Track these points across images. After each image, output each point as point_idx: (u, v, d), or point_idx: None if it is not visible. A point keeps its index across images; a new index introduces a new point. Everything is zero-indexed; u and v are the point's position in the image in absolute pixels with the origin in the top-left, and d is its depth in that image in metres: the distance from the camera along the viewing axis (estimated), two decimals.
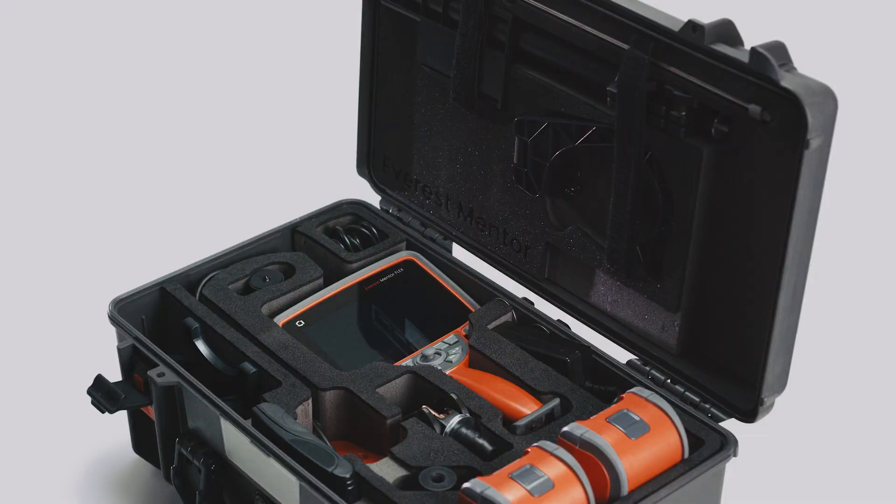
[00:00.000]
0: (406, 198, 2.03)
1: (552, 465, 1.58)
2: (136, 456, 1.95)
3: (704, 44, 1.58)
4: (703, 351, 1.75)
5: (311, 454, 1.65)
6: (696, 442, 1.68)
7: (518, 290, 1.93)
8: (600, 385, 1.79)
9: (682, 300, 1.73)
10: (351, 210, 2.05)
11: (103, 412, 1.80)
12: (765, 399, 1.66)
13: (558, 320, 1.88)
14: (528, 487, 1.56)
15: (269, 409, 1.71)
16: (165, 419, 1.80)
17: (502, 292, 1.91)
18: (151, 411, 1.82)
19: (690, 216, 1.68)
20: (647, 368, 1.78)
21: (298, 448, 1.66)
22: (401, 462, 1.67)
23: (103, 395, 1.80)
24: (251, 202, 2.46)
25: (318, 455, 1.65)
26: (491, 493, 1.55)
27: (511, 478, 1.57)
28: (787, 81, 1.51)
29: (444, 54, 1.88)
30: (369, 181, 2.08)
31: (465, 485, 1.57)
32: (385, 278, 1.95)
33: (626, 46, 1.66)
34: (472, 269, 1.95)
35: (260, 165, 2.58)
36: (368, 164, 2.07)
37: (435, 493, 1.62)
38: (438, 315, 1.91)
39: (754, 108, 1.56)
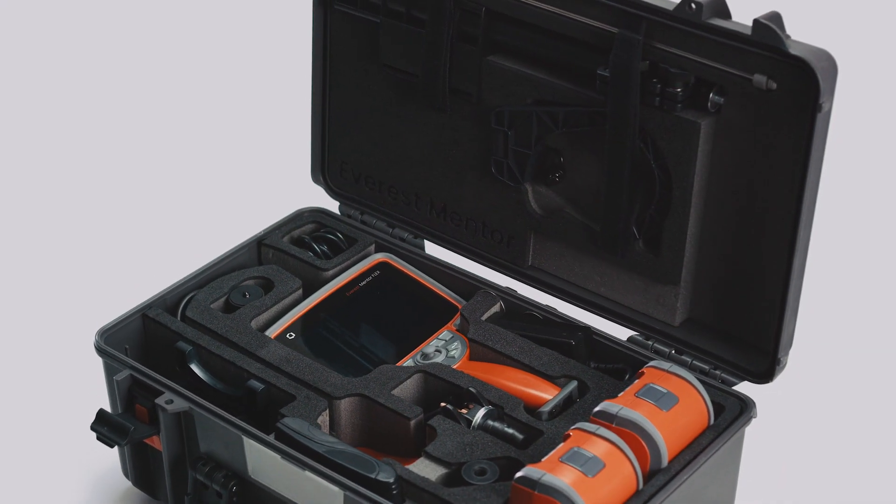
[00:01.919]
0: (370, 200, 2.02)
1: (597, 444, 1.61)
2: (127, 483, 1.89)
3: (703, 20, 1.62)
4: (705, 319, 1.80)
5: (350, 463, 1.63)
6: (716, 408, 1.72)
7: (498, 280, 1.94)
8: (606, 364, 1.82)
9: (683, 272, 1.77)
10: (313, 218, 2.04)
11: (112, 446, 1.75)
12: (781, 358, 1.71)
13: (546, 305, 1.90)
14: (582, 469, 1.58)
15: (295, 423, 1.68)
16: (175, 446, 1.76)
17: (485, 284, 1.92)
18: (154, 441, 1.78)
19: (689, 189, 1.72)
20: (650, 343, 1.82)
21: (335, 458, 1.64)
22: (438, 460, 1.67)
23: (110, 429, 1.75)
24: (204, 218, 2.42)
25: (357, 463, 1.63)
26: (549, 478, 1.56)
27: (562, 462, 1.59)
28: (794, 49, 1.57)
29: (408, 53, 1.88)
30: (325, 188, 2.06)
31: (520, 473, 1.58)
32: (364, 282, 1.94)
33: (611, 29, 1.69)
34: (450, 263, 1.96)
35: (208, 181, 2.53)
36: (323, 170, 2.05)
37: (485, 487, 1.62)
38: (424, 313, 1.91)
39: (759, 78, 1.61)
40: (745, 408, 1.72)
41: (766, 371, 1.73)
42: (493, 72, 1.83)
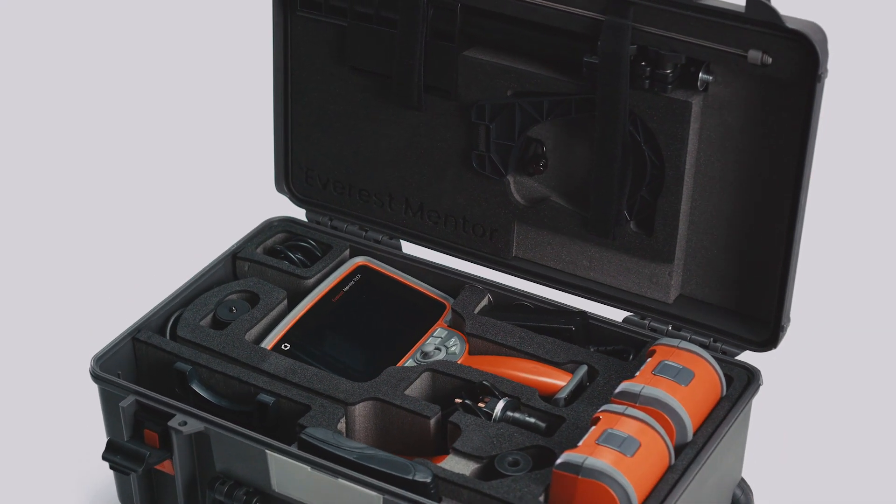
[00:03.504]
0: (339, 205, 2.01)
1: (629, 424, 1.63)
2: None
3: (693, 0, 1.66)
4: (699, 295, 1.84)
5: (384, 466, 1.62)
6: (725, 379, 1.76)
7: (480, 273, 1.94)
8: (606, 346, 1.84)
9: (677, 250, 1.81)
10: (282, 227, 2.02)
11: (128, 474, 1.71)
12: (784, 325, 1.76)
13: (533, 294, 1.91)
14: (620, 449, 1.60)
15: (319, 432, 1.67)
16: (188, 468, 1.73)
17: (467, 278, 1.93)
18: (165, 465, 1.74)
19: (682, 168, 1.75)
20: (646, 322, 1.85)
21: (368, 463, 1.63)
22: (467, 455, 1.67)
23: (123, 457, 1.71)
24: (168, 235, 2.37)
25: (392, 466, 1.62)
26: (592, 462, 1.58)
27: (599, 444, 1.60)
28: (791, 24, 1.61)
29: (378, 54, 1.88)
30: (289, 196, 2.04)
31: (560, 460, 1.59)
32: (347, 287, 1.93)
33: (596, 16, 1.71)
34: (429, 261, 1.96)
35: (169, 196, 2.48)
36: (287, 178, 2.03)
37: (521, 477, 1.63)
38: (412, 312, 1.91)
39: (754, 54, 1.65)
40: (752, 377, 1.76)
41: (768, 339, 1.77)
42: (470, 67, 1.83)
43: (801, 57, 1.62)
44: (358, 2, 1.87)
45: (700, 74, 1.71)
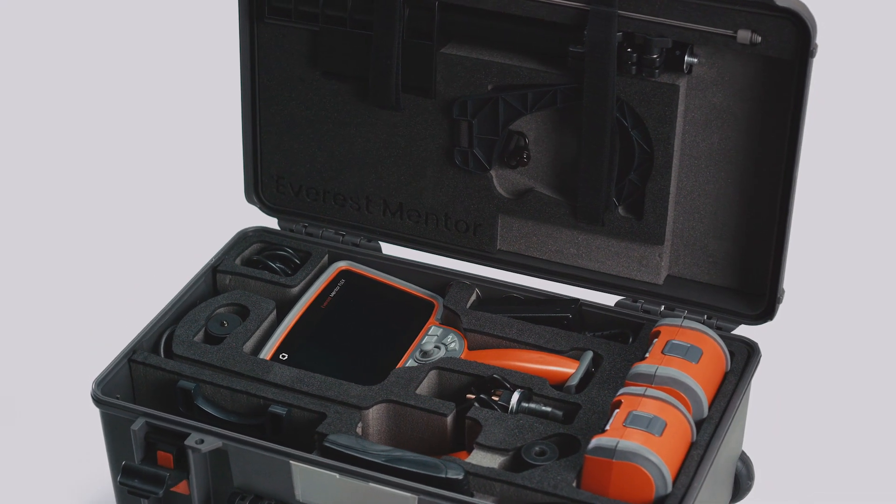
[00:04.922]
0: (313, 211, 2.00)
1: (651, 405, 1.65)
2: None
3: None
4: (688, 274, 1.87)
5: (415, 467, 1.62)
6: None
7: (464, 268, 1.95)
8: (603, 331, 1.86)
9: (666, 231, 1.83)
10: (257, 238, 2.00)
11: (148, 497, 1.68)
12: (780, 297, 1.80)
13: (518, 285, 1.92)
14: (648, 430, 1.62)
15: (343, 438, 1.66)
16: (205, 486, 1.70)
17: (454, 274, 1.93)
18: (181, 485, 1.71)
19: (670, 151, 1.78)
20: (639, 304, 1.87)
21: (398, 465, 1.62)
22: (493, 449, 1.68)
23: (142, 480, 1.68)
24: (139, 252, 2.33)
25: (423, 466, 1.62)
26: (625, 444, 1.59)
27: (627, 427, 1.62)
28: (781, 2, 1.65)
29: (352, 58, 1.87)
30: (260, 206, 2.02)
31: (592, 445, 1.61)
32: (333, 292, 1.92)
33: (579, 6, 1.73)
34: (410, 260, 1.96)
35: (137, 213, 2.43)
36: (257, 188, 2.01)
37: (552, 465, 1.64)
38: (401, 312, 1.91)
39: (743, 34, 1.69)
40: (752, 350, 1.80)
41: (764, 312, 1.81)
42: (449, 63, 1.83)
43: (792, 34, 1.66)
44: (330, 5, 1.85)
45: (685, 57, 1.74)
